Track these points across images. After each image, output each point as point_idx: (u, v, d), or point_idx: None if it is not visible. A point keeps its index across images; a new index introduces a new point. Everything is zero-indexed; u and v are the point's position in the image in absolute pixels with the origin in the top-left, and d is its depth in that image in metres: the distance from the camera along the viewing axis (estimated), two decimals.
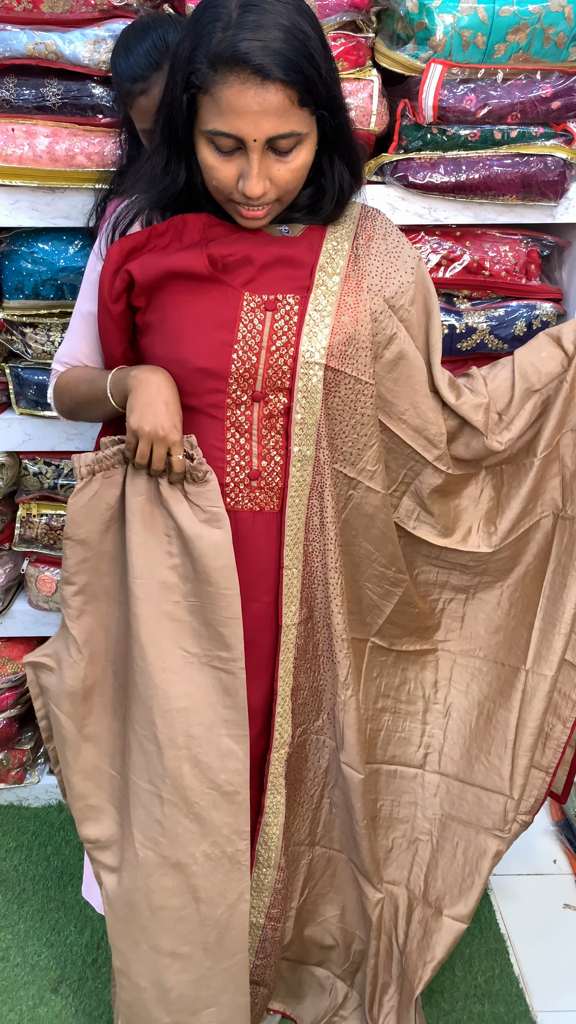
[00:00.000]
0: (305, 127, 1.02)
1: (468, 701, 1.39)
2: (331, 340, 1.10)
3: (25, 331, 1.60)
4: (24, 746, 1.93)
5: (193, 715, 1.14)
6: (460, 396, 1.22)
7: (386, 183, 1.47)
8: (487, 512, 1.31)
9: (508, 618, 1.37)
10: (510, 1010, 1.53)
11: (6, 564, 1.82)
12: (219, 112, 0.99)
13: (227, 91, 0.97)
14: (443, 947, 1.36)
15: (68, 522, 1.14)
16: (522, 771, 1.33)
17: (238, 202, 1.06)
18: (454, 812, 1.39)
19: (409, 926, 1.40)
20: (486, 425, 1.23)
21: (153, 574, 1.12)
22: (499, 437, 1.24)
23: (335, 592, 1.20)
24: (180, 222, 1.09)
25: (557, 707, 1.35)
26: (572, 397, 1.26)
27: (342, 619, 1.22)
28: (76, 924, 1.69)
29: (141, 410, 1.08)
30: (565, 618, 1.29)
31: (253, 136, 0.99)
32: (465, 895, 1.36)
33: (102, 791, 1.24)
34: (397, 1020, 1.40)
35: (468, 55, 1.36)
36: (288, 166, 1.03)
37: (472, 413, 1.22)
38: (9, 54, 1.38)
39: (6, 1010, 1.53)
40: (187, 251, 1.08)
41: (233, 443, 1.13)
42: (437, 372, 1.20)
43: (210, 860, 1.18)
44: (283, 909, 1.34)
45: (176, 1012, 1.24)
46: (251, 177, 1.01)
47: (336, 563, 1.19)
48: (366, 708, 1.34)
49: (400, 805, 1.41)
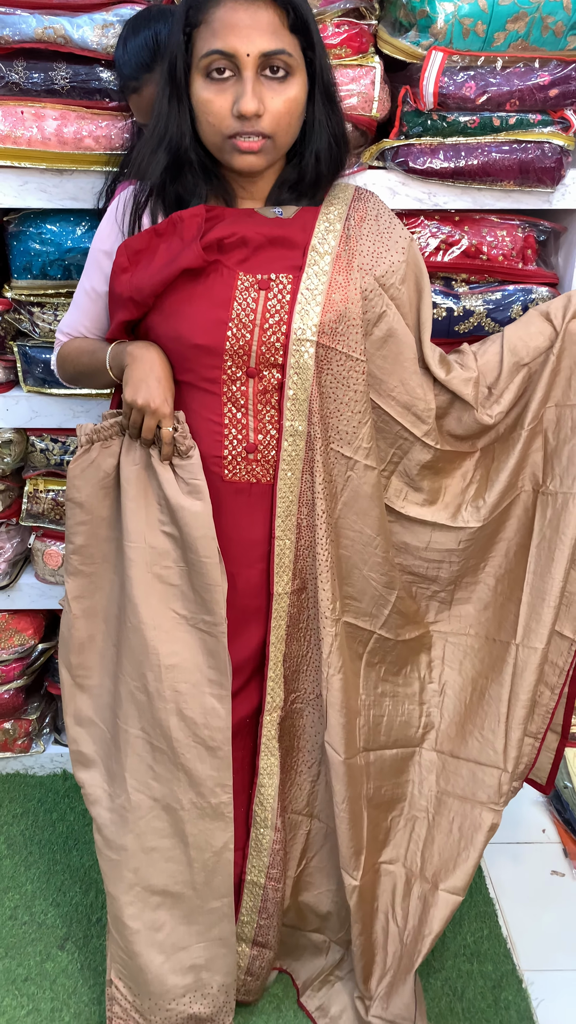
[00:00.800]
0: (295, 53, 1.09)
1: (462, 678, 1.42)
2: (322, 318, 1.15)
3: (33, 310, 1.63)
4: (30, 716, 1.99)
5: (180, 672, 1.21)
6: (450, 371, 1.25)
7: (387, 168, 1.50)
8: (476, 490, 1.34)
9: (495, 595, 1.40)
10: (498, 968, 1.59)
11: (13, 538, 1.86)
12: (213, 33, 1.06)
13: (220, 10, 1.06)
14: (440, 920, 1.40)
15: (68, 485, 1.23)
16: (515, 743, 1.36)
17: (234, 135, 1.10)
18: (449, 788, 1.42)
19: (408, 903, 1.44)
20: (476, 398, 1.26)
21: (146, 539, 1.20)
22: (489, 411, 1.27)
23: (323, 567, 1.24)
24: (178, 219, 1.15)
25: (545, 675, 1.38)
26: (558, 371, 1.29)
27: (328, 596, 1.25)
28: (81, 886, 1.75)
29: (135, 384, 1.15)
30: (553, 591, 1.32)
31: (246, 50, 1.06)
32: (460, 868, 1.40)
33: (92, 742, 1.33)
34: (391, 993, 1.44)
35: (468, 43, 1.39)
36: (281, 95, 1.09)
37: (462, 387, 1.25)
38: (19, 38, 1.41)
39: (15, 965, 1.60)
40: (185, 249, 1.13)
41: (230, 417, 1.19)
42: (427, 349, 1.24)
43: (196, 808, 1.26)
44: (282, 870, 1.40)
45: (168, 950, 1.31)
46: (246, 94, 1.07)
47: (324, 539, 1.23)
48: (367, 694, 1.36)
49: (399, 786, 1.44)
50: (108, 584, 1.29)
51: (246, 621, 1.26)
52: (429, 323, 1.23)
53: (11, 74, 1.44)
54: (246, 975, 1.46)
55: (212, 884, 1.30)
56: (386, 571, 1.30)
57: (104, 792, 1.32)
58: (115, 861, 1.30)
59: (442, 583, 1.38)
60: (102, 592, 1.29)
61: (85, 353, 1.28)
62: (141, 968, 1.33)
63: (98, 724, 1.33)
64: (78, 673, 1.33)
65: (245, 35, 1.05)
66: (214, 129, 1.11)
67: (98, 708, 1.33)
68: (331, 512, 1.24)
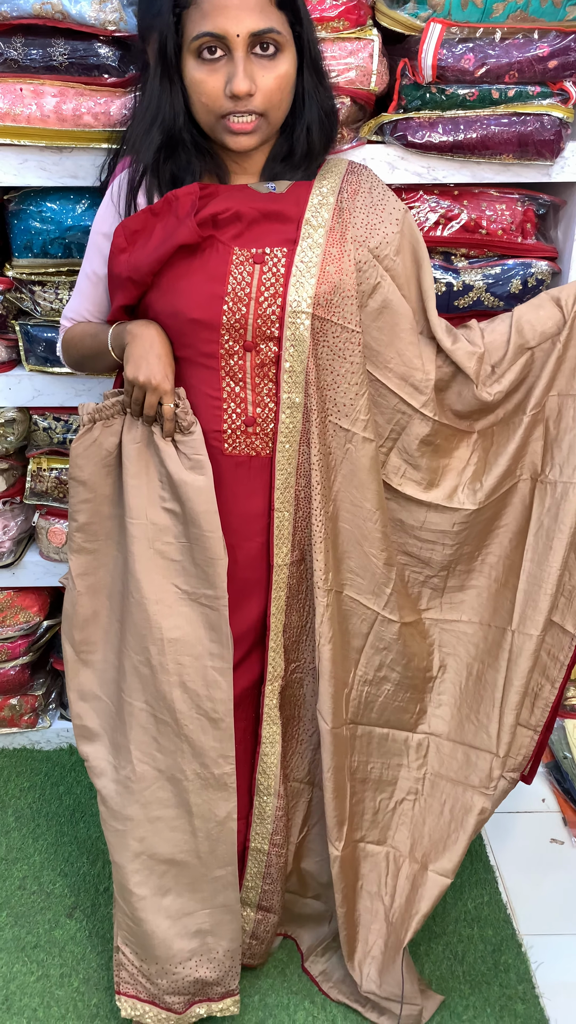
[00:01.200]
0: (284, 30, 1.11)
1: (457, 663, 1.42)
2: (317, 290, 1.16)
3: (34, 289, 1.64)
4: (36, 692, 2.01)
5: (183, 645, 1.23)
6: (456, 342, 1.25)
7: (385, 142, 1.50)
8: (474, 472, 1.33)
9: (491, 581, 1.39)
10: (498, 933, 1.63)
11: (17, 516, 1.88)
12: (203, 16, 1.08)
13: None
14: (428, 901, 1.41)
15: (71, 464, 1.25)
16: (508, 728, 1.36)
17: (227, 114, 1.12)
18: (443, 771, 1.43)
19: (396, 883, 1.45)
20: (477, 374, 1.26)
21: (147, 515, 1.22)
22: (489, 388, 1.27)
23: (317, 538, 1.25)
24: (172, 197, 1.16)
25: (545, 668, 1.38)
26: (564, 359, 1.28)
27: (321, 566, 1.26)
28: (88, 856, 1.79)
29: (136, 362, 1.17)
30: (550, 579, 1.32)
31: (236, 31, 1.07)
32: (449, 850, 1.40)
33: (96, 716, 1.36)
34: (380, 972, 1.45)
35: (467, 14, 1.38)
36: (272, 72, 1.11)
37: (465, 360, 1.25)
38: (16, 13, 1.41)
39: (24, 933, 1.63)
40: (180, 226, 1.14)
41: (229, 391, 1.20)
42: (432, 317, 1.24)
43: (200, 779, 1.28)
44: (285, 836, 1.42)
45: (173, 915, 1.35)
46: (238, 74, 1.09)
47: (319, 509, 1.24)
48: (368, 671, 1.36)
49: (388, 768, 1.44)
50: (111, 560, 1.30)
51: (247, 593, 1.28)
52: (432, 292, 1.23)
53: (9, 51, 1.44)
54: (251, 939, 1.49)
55: (216, 853, 1.33)
56: (385, 547, 1.31)
57: (108, 764, 1.35)
58: (120, 831, 1.33)
59: (435, 567, 1.38)
60: (105, 568, 1.31)
61: (88, 336, 1.30)
62: (147, 933, 1.36)
63: (102, 698, 1.35)
64: (82, 649, 1.35)
65: (234, 16, 1.07)
66: (207, 109, 1.13)
67: (102, 683, 1.35)
68: (327, 483, 1.25)
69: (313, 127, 1.18)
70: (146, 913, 1.34)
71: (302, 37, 1.13)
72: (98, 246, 1.26)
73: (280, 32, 1.10)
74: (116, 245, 1.19)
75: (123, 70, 1.46)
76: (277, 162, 1.21)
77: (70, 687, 1.36)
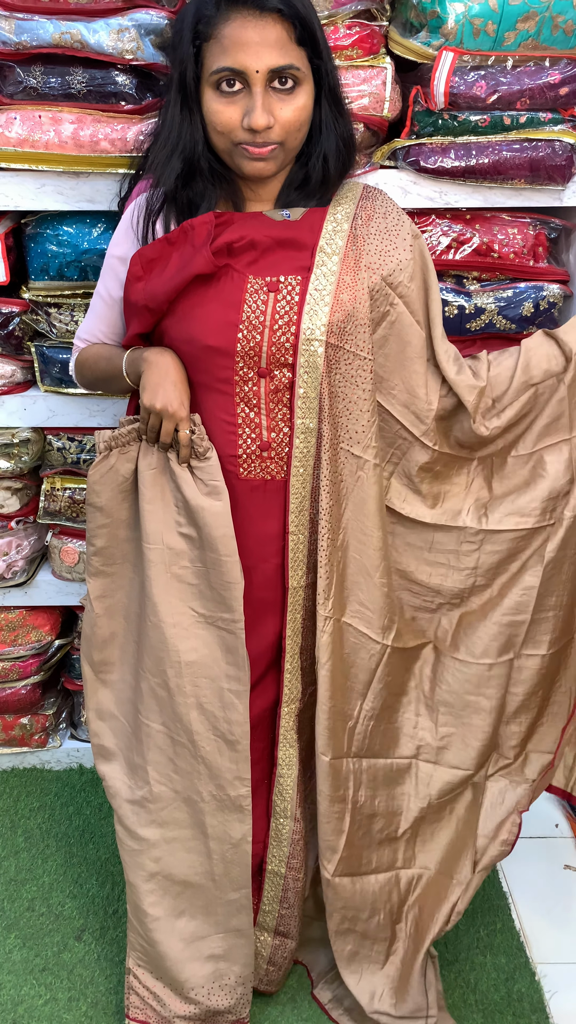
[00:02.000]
0: (302, 65, 1.12)
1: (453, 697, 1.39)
2: (331, 318, 1.17)
3: (50, 311, 1.66)
4: (47, 711, 2.01)
5: (200, 668, 1.24)
6: (460, 373, 1.25)
7: (398, 167, 1.52)
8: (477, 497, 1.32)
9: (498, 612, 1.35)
10: (511, 961, 1.60)
11: (31, 536, 1.89)
12: (223, 50, 1.09)
13: (229, 27, 1.08)
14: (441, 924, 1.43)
15: (88, 491, 1.26)
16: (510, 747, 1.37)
17: (243, 141, 1.13)
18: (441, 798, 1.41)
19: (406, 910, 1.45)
20: (476, 407, 1.25)
21: (163, 540, 1.22)
22: (487, 422, 1.26)
23: (321, 562, 1.24)
24: (189, 227, 1.18)
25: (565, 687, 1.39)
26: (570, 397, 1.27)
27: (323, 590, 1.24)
28: (98, 878, 1.78)
29: (153, 389, 1.18)
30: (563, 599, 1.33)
31: (255, 67, 1.08)
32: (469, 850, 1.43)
33: (113, 735, 1.36)
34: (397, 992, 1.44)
35: (479, 43, 1.40)
36: (290, 104, 1.12)
37: (466, 393, 1.24)
38: (36, 43, 1.43)
39: (32, 955, 1.62)
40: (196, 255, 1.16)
41: (243, 416, 1.21)
42: (439, 343, 1.24)
43: (216, 800, 1.28)
44: (302, 860, 1.41)
45: (187, 938, 1.34)
46: (256, 108, 1.10)
47: (325, 534, 1.23)
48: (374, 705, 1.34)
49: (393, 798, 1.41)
50: (128, 583, 1.32)
51: (262, 614, 1.28)
52: (439, 319, 1.24)
53: (29, 79, 1.47)
54: (268, 964, 1.48)
55: (231, 875, 1.32)
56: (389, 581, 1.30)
57: (125, 784, 1.35)
58: (136, 851, 1.33)
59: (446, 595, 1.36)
60: (123, 591, 1.32)
61: (102, 359, 1.31)
62: (161, 955, 1.35)
63: (119, 718, 1.36)
64: (100, 669, 1.36)
65: (254, 52, 1.08)
66: (224, 138, 1.14)
67: (119, 702, 1.36)
68: (336, 510, 1.25)
69: (330, 156, 1.19)
70: (160, 934, 1.34)
71: (321, 69, 1.15)
72: (113, 268, 1.28)
73: (299, 68, 1.11)
74: (132, 273, 1.21)
75: (140, 97, 1.48)
76: (292, 190, 1.22)
77: (88, 706, 1.37)
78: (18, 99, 1.48)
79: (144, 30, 1.43)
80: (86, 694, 1.37)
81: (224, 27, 1.09)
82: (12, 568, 1.85)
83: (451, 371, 1.24)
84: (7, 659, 1.91)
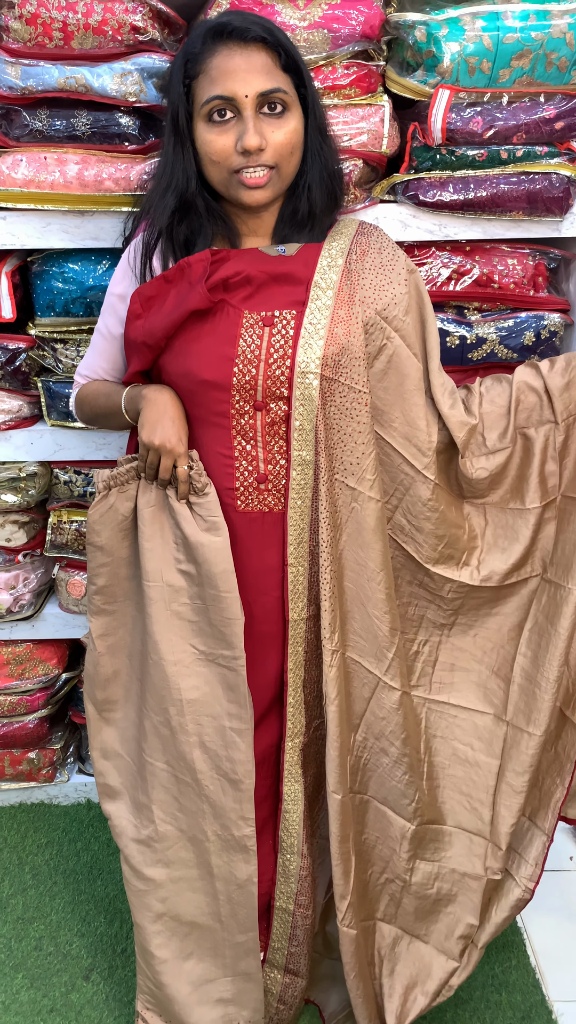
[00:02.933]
0: (289, 90, 1.16)
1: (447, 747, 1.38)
2: (325, 351, 1.18)
3: (56, 347, 1.68)
4: (55, 745, 2.00)
5: (202, 706, 1.23)
6: (453, 407, 1.25)
7: (398, 202, 1.54)
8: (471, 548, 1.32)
9: (481, 665, 1.37)
10: (526, 999, 1.57)
11: (38, 569, 1.90)
12: (211, 81, 1.13)
13: (216, 59, 1.13)
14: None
15: (88, 530, 1.27)
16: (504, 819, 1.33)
17: (238, 169, 1.15)
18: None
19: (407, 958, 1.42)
20: (466, 444, 1.25)
21: (163, 577, 1.22)
22: (474, 462, 1.26)
23: (325, 595, 1.24)
24: (185, 264, 1.20)
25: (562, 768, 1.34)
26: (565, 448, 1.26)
27: (327, 624, 1.24)
28: (106, 916, 1.75)
29: (151, 426, 1.19)
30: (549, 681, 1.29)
31: (244, 92, 1.12)
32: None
33: (118, 774, 1.35)
34: None
35: (474, 80, 1.43)
36: (281, 128, 1.15)
37: (457, 429, 1.25)
38: (42, 88, 1.47)
39: (40, 996, 1.60)
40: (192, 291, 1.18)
41: (240, 449, 1.22)
42: (434, 376, 1.25)
43: (220, 840, 1.27)
44: (311, 896, 1.39)
45: (195, 981, 1.31)
46: (248, 130, 1.13)
47: (327, 567, 1.23)
48: (366, 736, 1.33)
49: (384, 845, 1.39)
50: (130, 620, 1.32)
51: (264, 648, 1.28)
52: (436, 352, 1.25)
53: (35, 122, 1.50)
54: (279, 1003, 1.45)
55: (237, 916, 1.30)
56: (389, 609, 1.28)
57: (130, 823, 1.33)
58: (142, 891, 1.31)
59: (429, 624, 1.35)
60: (125, 628, 1.32)
61: (101, 396, 1.33)
62: (169, 998, 1.32)
63: (124, 756, 1.35)
64: (104, 708, 1.35)
65: (242, 78, 1.12)
66: (219, 168, 1.17)
67: (123, 740, 1.35)
68: (334, 541, 1.25)
69: (314, 186, 1.22)
70: (168, 977, 1.31)
71: (307, 99, 1.19)
72: (113, 307, 1.31)
73: (286, 92, 1.15)
74: (132, 312, 1.23)
75: (143, 138, 1.52)
76: (286, 224, 1.24)
77: (92, 745, 1.37)
78: (24, 141, 1.51)
79: (147, 73, 1.47)
80: (90, 733, 1.36)
81: (211, 60, 1.13)
82: (19, 602, 1.86)
83: (445, 405, 1.25)
84: (15, 693, 1.90)
